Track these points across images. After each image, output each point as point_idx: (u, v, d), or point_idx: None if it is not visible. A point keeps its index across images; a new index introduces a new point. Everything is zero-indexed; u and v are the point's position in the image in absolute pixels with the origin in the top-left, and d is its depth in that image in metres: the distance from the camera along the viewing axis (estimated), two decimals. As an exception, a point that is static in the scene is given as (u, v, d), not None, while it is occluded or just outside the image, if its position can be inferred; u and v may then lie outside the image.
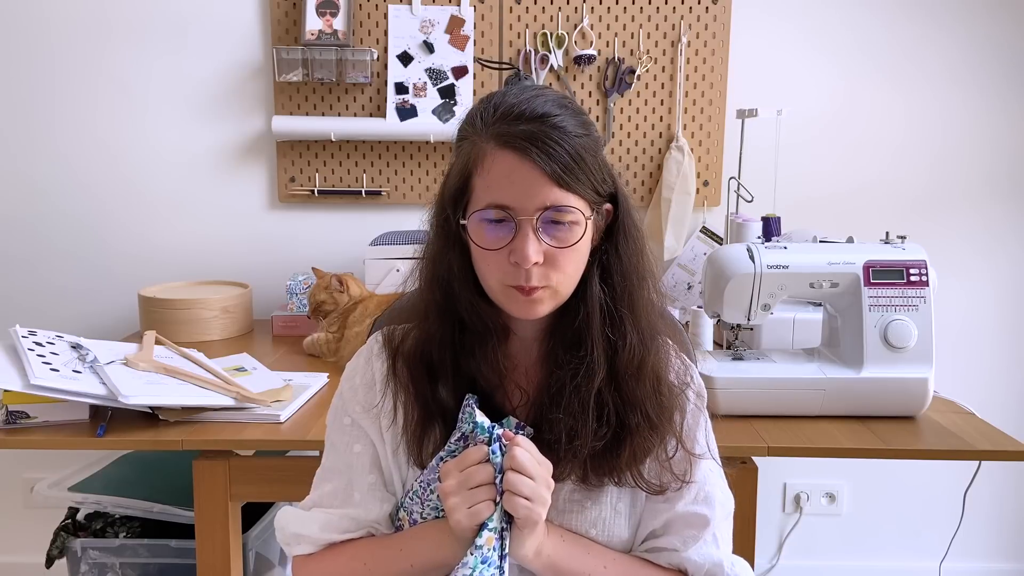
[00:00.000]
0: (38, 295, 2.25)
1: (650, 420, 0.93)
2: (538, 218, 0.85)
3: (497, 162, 0.86)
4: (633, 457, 0.92)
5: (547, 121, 0.85)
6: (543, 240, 0.86)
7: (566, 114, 0.87)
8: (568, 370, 0.92)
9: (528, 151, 0.84)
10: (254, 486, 1.45)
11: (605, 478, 0.93)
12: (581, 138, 0.87)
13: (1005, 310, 2.30)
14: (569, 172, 0.85)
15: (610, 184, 0.91)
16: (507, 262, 0.87)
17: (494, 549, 0.85)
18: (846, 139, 2.22)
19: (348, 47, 2.10)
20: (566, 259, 0.88)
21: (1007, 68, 2.18)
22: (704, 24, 2.15)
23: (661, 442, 0.94)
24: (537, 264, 0.86)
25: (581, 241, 0.88)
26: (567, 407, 0.91)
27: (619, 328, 0.92)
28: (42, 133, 2.19)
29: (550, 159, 0.84)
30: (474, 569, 0.83)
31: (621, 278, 0.93)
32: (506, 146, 0.85)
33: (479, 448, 0.85)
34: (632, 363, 0.92)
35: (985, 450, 1.38)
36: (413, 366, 0.95)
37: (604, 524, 0.94)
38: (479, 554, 0.83)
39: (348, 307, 1.85)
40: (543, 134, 0.84)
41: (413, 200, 2.22)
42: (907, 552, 2.39)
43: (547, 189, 0.85)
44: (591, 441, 0.91)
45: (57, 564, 1.77)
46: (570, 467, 0.92)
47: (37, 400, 1.38)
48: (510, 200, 0.85)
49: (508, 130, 0.85)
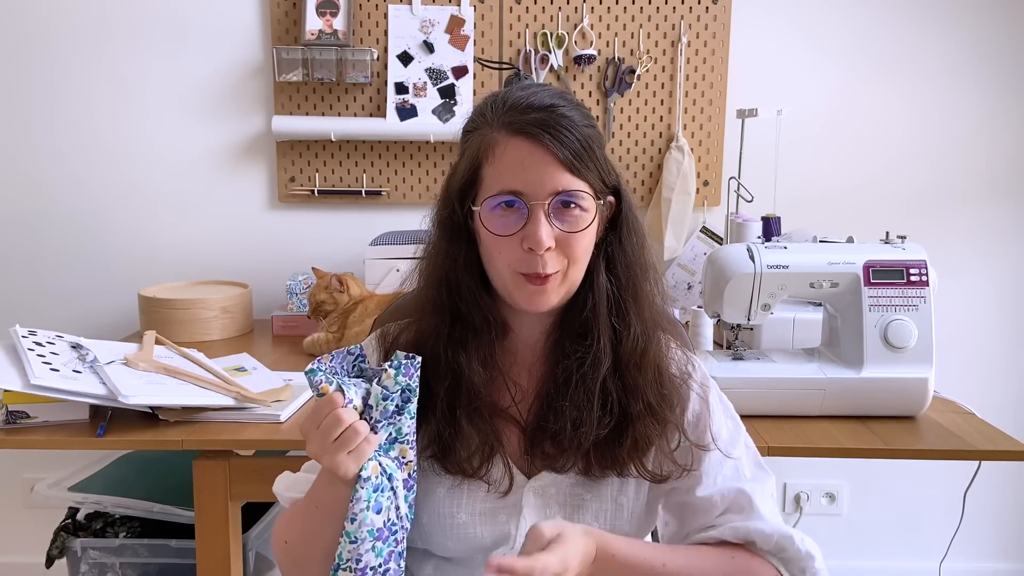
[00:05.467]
0: (38, 295, 2.25)
1: (651, 408, 0.94)
2: (550, 203, 0.87)
3: (509, 149, 0.88)
4: (635, 446, 0.93)
5: (556, 110, 0.88)
6: (555, 225, 0.88)
7: (571, 106, 0.90)
8: (575, 360, 0.93)
9: (541, 137, 0.87)
10: (254, 486, 1.45)
11: (608, 469, 0.94)
12: (588, 128, 0.90)
13: (1005, 310, 2.30)
14: (579, 158, 0.88)
15: (614, 177, 0.94)
16: (519, 249, 0.88)
17: (382, 474, 0.85)
18: (846, 139, 2.22)
19: (348, 47, 2.10)
20: (577, 244, 0.90)
21: (1007, 68, 2.18)
22: (704, 24, 2.15)
23: (663, 431, 0.94)
24: (550, 249, 0.88)
25: (590, 227, 0.90)
26: (573, 396, 0.92)
27: (624, 318, 0.94)
28: (42, 133, 2.19)
29: (562, 145, 0.87)
30: (368, 500, 0.84)
31: (625, 269, 0.95)
32: (519, 133, 0.87)
33: (328, 401, 0.83)
34: (635, 352, 0.94)
35: (985, 450, 1.38)
36: None
37: (605, 517, 0.95)
38: (368, 485, 0.84)
39: (348, 307, 1.85)
40: (554, 121, 0.87)
41: (413, 200, 2.22)
42: (907, 552, 2.39)
43: (559, 174, 0.87)
44: (595, 430, 0.92)
45: (57, 564, 1.77)
46: (573, 458, 0.93)
47: (37, 400, 1.38)
48: (522, 185, 0.87)
49: (519, 118, 0.88)
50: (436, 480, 0.95)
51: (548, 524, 0.83)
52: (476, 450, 0.93)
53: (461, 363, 0.93)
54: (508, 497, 0.94)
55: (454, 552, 0.96)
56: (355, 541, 0.84)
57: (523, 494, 0.94)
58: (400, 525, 0.88)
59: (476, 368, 0.93)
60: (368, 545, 0.85)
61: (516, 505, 0.94)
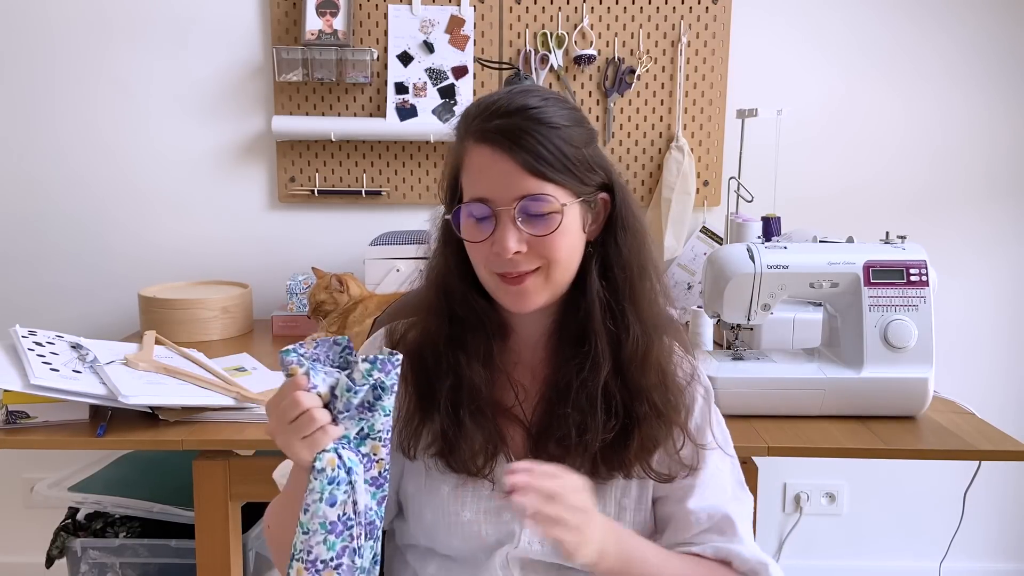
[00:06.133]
0: (38, 295, 2.25)
1: (657, 409, 0.93)
2: (515, 208, 0.87)
3: (475, 157, 0.89)
4: (642, 447, 0.93)
5: (522, 113, 0.87)
6: (523, 230, 0.88)
7: (548, 106, 0.89)
8: (574, 365, 0.93)
9: (501, 143, 0.87)
10: (254, 486, 1.45)
11: (615, 471, 0.94)
12: (561, 128, 0.88)
13: (1005, 310, 2.30)
14: (543, 161, 0.87)
15: (602, 175, 0.92)
16: (492, 252, 0.89)
17: (340, 467, 0.83)
18: (846, 139, 2.22)
19: (348, 47, 2.10)
20: (550, 246, 0.89)
21: (1007, 68, 2.18)
22: (704, 24, 2.15)
23: (669, 432, 0.95)
24: (520, 253, 0.88)
25: (562, 229, 0.89)
26: (575, 402, 0.92)
27: (621, 320, 0.93)
28: (42, 133, 2.19)
29: (521, 149, 0.86)
30: (322, 492, 0.82)
31: (620, 270, 0.94)
32: (482, 141, 0.88)
33: (292, 382, 0.82)
34: (636, 354, 0.93)
35: (985, 450, 1.38)
36: (413, 359, 0.96)
37: (610, 516, 0.94)
38: (323, 477, 0.82)
39: (348, 307, 1.85)
40: (515, 126, 0.87)
41: (413, 200, 2.22)
42: (907, 552, 2.39)
43: (521, 179, 0.87)
44: (601, 434, 0.92)
45: (57, 564, 1.77)
46: (579, 461, 0.92)
47: (37, 400, 1.38)
48: (488, 192, 0.88)
49: (483, 126, 0.88)
50: (440, 478, 0.95)
51: None
52: (480, 449, 0.93)
53: (461, 362, 0.94)
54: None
55: (458, 551, 0.97)
56: (307, 532, 0.83)
57: None
58: (357, 521, 0.85)
59: (476, 367, 0.94)
60: (320, 537, 0.83)
61: None
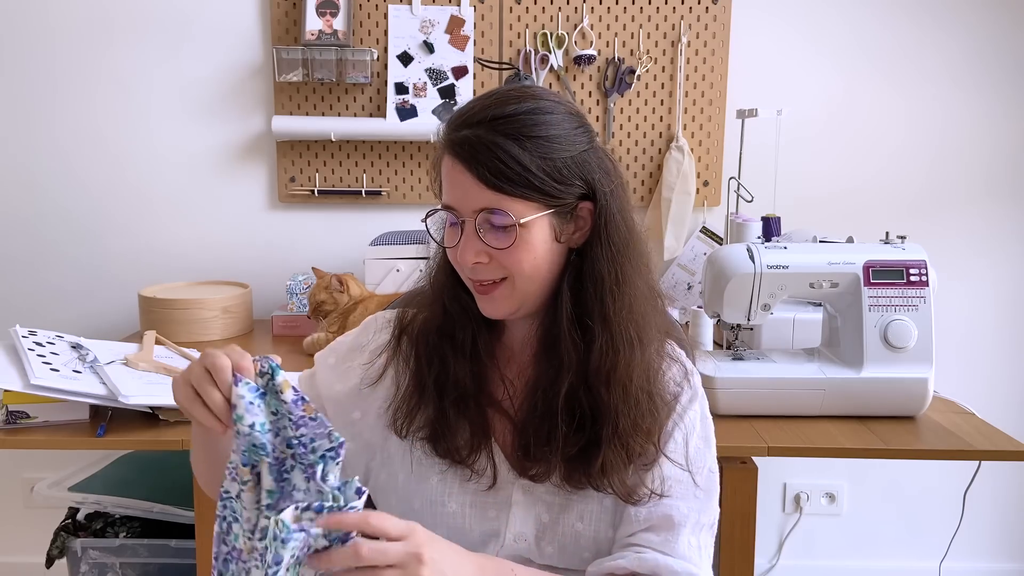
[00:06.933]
0: (38, 295, 2.25)
1: (620, 437, 0.90)
2: (476, 219, 0.88)
3: (445, 166, 0.90)
4: (603, 471, 0.91)
5: (488, 125, 0.86)
6: (484, 240, 0.88)
7: (524, 114, 0.87)
8: (545, 370, 0.93)
9: (461, 155, 0.87)
10: (254, 486, 1.44)
11: (579, 487, 0.93)
12: (531, 140, 0.86)
13: (1005, 310, 2.30)
14: (501, 176, 0.85)
15: (579, 186, 0.89)
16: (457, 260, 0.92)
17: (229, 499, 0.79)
18: (846, 139, 2.22)
19: (348, 47, 2.10)
20: (510, 258, 0.88)
21: (1007, 68, 2.18)
22: (704, 24, 2.15)
23: (629, 463, 0.91)
24: (481, 263, 0.89)
25: (520, 243, 0.87)
26: (541, 408, 0.92)
27: (586, 333, 0.91)
28: (42, 133, 2.19)
29: (479, 164, 0.86)
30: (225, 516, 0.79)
31: (592, 282, 0.91)
32: (449, 151, 0.89)
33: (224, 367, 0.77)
34: (602, 367, 0.91)
35: (985, 450, 1.38)
36: (418, 344, 0.98)
37: (591, 517, 0.94)
38: (226, 499, 0.79)
39: (348, 307, 1.85)
40: (476, 138, 0.86)
41: (413, 200, 2.22)
42: (907, 552, 2.39)
43: (479, 192, 0.87)
44: (563, 446, 0.91)
45: (57, 564, 1.77)
46: (546, 468, 0.92)
47: (37, 400, 1.38)
48: (453, 202, 0.90)
49: (451, 136, 0.89)
50: (429, 465, 0.96)
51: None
52: (467, 438, 0.94)
53: (447, 353, 0.95)
54: (498, 493, 0.95)
55: None
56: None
57: (512, 491, 0.95)
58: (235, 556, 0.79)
59: (460, 360, 0.95)
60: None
61: (506, 502, 0.95)
